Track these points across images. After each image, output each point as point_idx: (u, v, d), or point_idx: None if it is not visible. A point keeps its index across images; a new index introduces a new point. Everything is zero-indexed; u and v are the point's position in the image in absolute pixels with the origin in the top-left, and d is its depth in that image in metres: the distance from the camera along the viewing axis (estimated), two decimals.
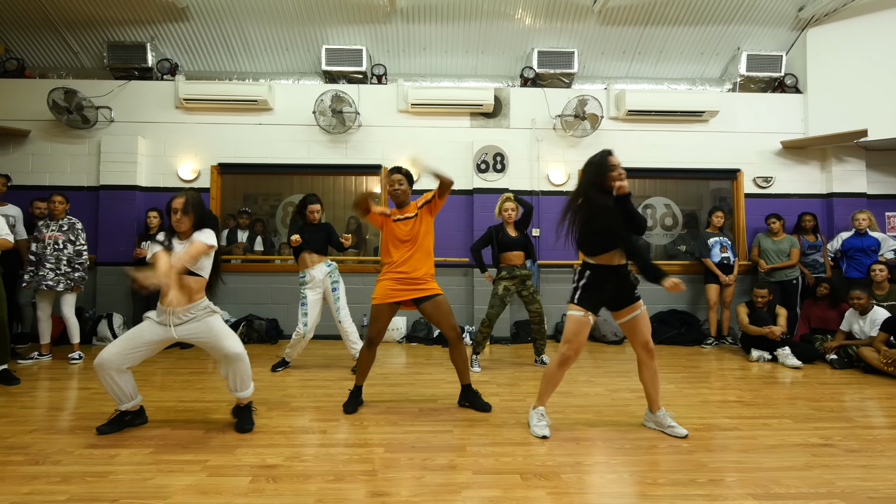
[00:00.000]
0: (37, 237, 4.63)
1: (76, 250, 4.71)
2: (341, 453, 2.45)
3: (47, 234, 4.63)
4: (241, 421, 2.80)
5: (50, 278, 4.55)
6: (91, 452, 2.44)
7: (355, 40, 6.19)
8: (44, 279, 4.53)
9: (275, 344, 5.58)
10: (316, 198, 4.40)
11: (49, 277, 4.54)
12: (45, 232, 4.63)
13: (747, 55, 6.28)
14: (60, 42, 6.12)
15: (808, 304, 5.46)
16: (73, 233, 4.73)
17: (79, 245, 4.74)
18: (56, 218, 4.71)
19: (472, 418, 3.01)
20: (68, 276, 4.63)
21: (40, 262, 4.57)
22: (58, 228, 4.68)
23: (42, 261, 4.56)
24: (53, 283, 4.56)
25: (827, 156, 6.24)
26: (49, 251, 4.59)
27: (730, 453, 2.49)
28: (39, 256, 4.58)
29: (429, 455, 2.44)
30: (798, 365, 4.51)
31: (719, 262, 5.65)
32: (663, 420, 2.76)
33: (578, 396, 3.55)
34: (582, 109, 5.87)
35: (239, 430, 2.75)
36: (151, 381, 3.88)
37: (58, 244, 4.63)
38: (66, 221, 4.73)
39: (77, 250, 4.71)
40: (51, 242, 4.62)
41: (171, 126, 6.02)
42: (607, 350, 5.40)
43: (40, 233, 4.63)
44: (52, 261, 4.58)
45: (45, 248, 4.59)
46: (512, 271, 4.46)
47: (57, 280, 4.57)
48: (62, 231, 4.68)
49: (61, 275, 4.59)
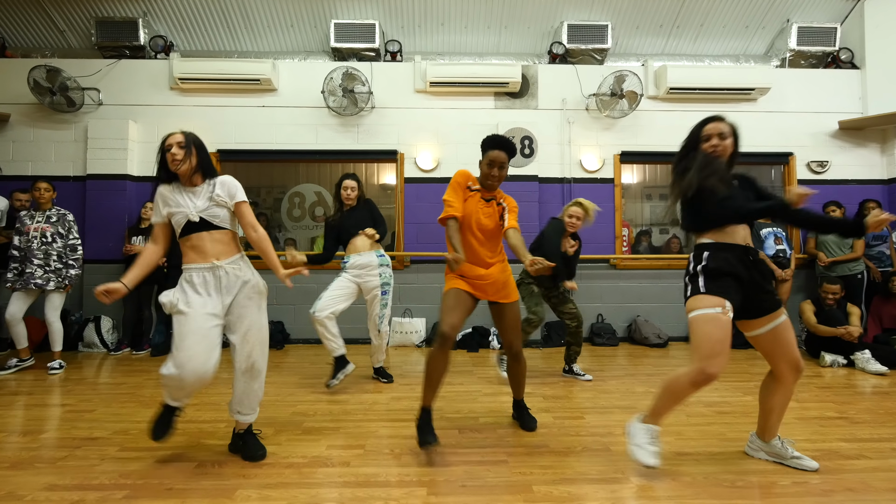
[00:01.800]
0: (19, 230, 4.07)
1: (70, 244, 4.18)
2: (373, 497, 1.88)
3: (32, 226, 4.07)
4: (249, 448, 2.25)
5: (38, 276, 4.00)
6: (47, 497, 1.87)
7: (367, 14, 5.62)
8: (31, 277, 3.98)
9: (281, 349, 5.01)
10: (350, 175, 3.69)
11: (37, 275, 4.00)
12: (29, 224, 4.08)
13: (798, 27, 5.69)
14: (45, 18, 5.56)
15: (877, 302, 4.86)
16: (64, 225, 4.18)
17: (72, 239, 4.20)
18: (41, 208, 4.16)
19: (527, 443, 2.44)
20: (59, 273, 4.09)
21: (25, 259, 4.02)
22: (45, 220, 4.12)
23: (29, 256, 4.01)
24: (43, 281, 4.02)
25: (888, 137, 5.64)
26: (36, 245, 4.04)
27: (877, 494, 1.91)
28: (24, 252, 4.03)
29: (486, 500, 1.86)
30: (883, 371, 3.92)
31: (774, 256, 5.05)
32: (783, 451, 2.17)
33: None
34: (619, 87, 5.28)
35: (249, 459, 2.21)
36: (138, 395, 3.31)
37: (45, 237, 4.08)
38: (54, 212, 4.17)
39: (71, 244, 4.19)
40: (37, 235, 4.06)
41: (165, 109, 5.45)
42: (650, 354, 4.83)
43: (24, 225, 4.07)
44: (39, 256, 4.03)
45: (31, 242, 4.04)
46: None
47: (46, 278, 4.03)
48: (50, 223, 4.12)
49: (51, 272, 4.05)
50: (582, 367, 3.97)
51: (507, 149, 2.48)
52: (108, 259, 5.13)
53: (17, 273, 4.04)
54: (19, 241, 4.07)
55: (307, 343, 5.28)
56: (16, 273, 4.04)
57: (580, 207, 3.69)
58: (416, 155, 5.48)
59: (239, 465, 2.17)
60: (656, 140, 5.61)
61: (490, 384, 3.65)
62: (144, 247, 2.23)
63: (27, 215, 4.14)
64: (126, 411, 2.96)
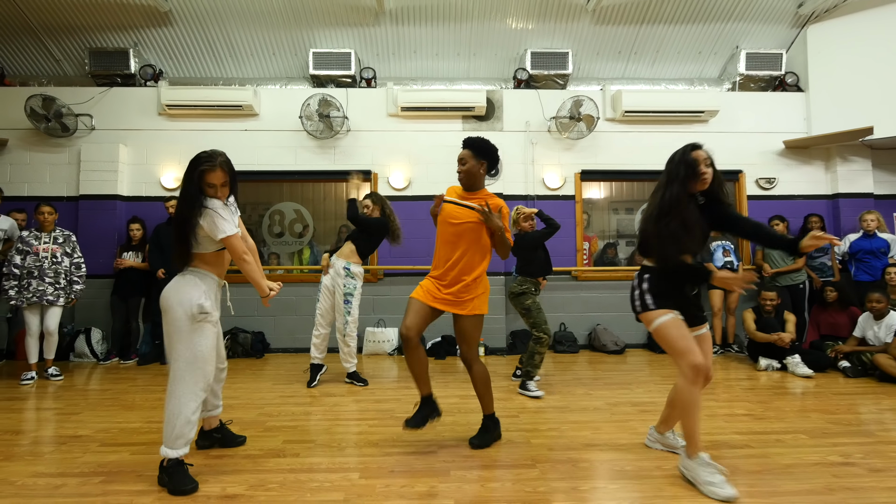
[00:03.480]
0: (25, 250, 4.42)
1: (75, 262, 4.60)
2: (311, 480, 2.22)
3: (41, 246, 4.45)
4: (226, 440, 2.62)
5: (49, 293, 4.38)
6: (35, 482, 2.21)
7: (343, 43, 6.03)
8: (43, 294, 4.35)
9: (260, 358, 5.34)
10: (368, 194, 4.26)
11: (48, 292, 4.38)
12: (36, 244, 4.44)
13: (746, 53, 6.11)
14: (41, 49, 5.96)
15: (816, 310, 5.22)
16: (69, 244, 4.60)
17: (76, 258, 4.63)
18: (45, 229, 4.53)
19: (461, 438, 2.78)
20: (65, 290, 4.49)
21: (33, 276, 4.36)
22: (52, 241, 4.51)
23: (41, 275, 4.37)
24: (53, 297, 4.41)
25: (831, 155, 6.04)
26: (47, 265, 4.42)
27: (742, 475, 2.25)
28: (31, 270, 4.37)
29: (408, 482, 2.20)
30: (809, 374, 4.27)
31: (722, 267, 5.42)
32: (674, 442, 2.52)
33: (576, 411, 3.31)
34: (577, 111, 5.68)
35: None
36: (122, 400, 3.65)
37: (55, 257, 4.48)
38: (59, 233, 4.58)
39: (76, 262, 4.61)
40: (47, 256, 4.44)
41: (153, 133, 5.84)
42: (607, 360, 5.16)
43: (30, 245, 4.43)
44: (50, 275, 4.42)
45: (41, 261, 4.40)
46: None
47: (57, 294, 4.42)
48: (57, 243, 4.52)
49: (60, 288, 4.45)
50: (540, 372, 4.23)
51: (467, 145, 2.71)
52: (99, 274, 5.46)
53: (17, 290, 4.37)
54: (21, 260, 4.41)
55: (285, 352, 5.62)
56: (17, 289, 4.37)
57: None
58: (389, 175, 5.85)
59: (202, 457, 2.50)
60: (614, 159, 6.00)
61: (446, 387, 3.97)
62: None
63: (31, 235, 4.49)
64: (109, 414, 3.29)
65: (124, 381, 4.32)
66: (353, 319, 4.04)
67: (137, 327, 5.34)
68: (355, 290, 4.04)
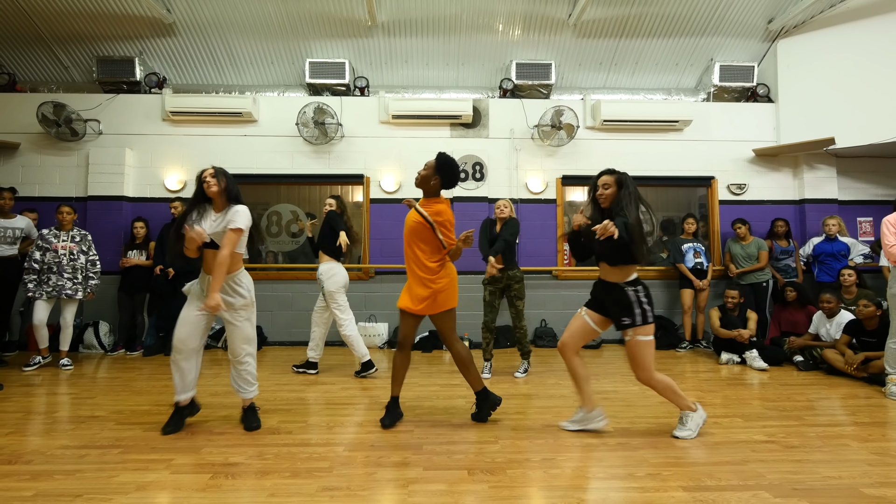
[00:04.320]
0: (45, 247, 4.75)
1: (90, 260, 4.95)
2: (302, 452, 2.57)
3: (60, 244, 4.79)
4: (245, 419, 2.99)
5: (69, 287, 4.74)
6: (63, 453, 2.56)
7: (338, 54, 6.36)
8: (62, 288, 4.71)
9: (258, 351, 5.66)
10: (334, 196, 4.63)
11: (67, 287, 4.74)
12: (55, 242, 4.78)
13: (720, 66, 6.46)
14: (51, 57, 6.29)
15: (778, 308, 5.58)
16: (85, 243, 4.95)
17: (92, 255, 4.98)
18: (64, 228, 4.88)
19: (436, 419, 3.13)
20: (82, 284, 4.84)
21: (52, 272, 4.70)
22: (70, 239, 4.85)
23: (59, 271, 4.72)
24: (72, 291, 4.77)
25: (799, 163, 6.40)
26: (65, 261, 4.77)
27: (673, 450, 2.61)
28: (50, 265, 4.71)
29: (385, 453, 2.55)
30: (764, 367, 4.63)
31: (693, 268, 5.79)
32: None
33: (544, 398, 3.67)
34: (558, 119, 6.03)
35: (246, 429, 2.93)
36: (131, 386, 3.99)
37: (73, 254, 4.83)
38: (76, 232, 4.92)
39: (91, 259, 4.96)
40: (65, 253, 4.79)
41: (157, 138, 6.17)
42: (584, 354, 5.45)
43: (49, 243, 4.76)
44: (69, 270, 4.77)
45: (60, 258, 4.75)
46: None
47: (75, 289, 4.78)
48: (75, 242, 4.87)
49: (78, 283, 4.80)
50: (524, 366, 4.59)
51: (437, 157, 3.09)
52: (106, 270, 5.77)
53: (36, 283, 4.71)
54: (46, 256, 4.74)
55: (282, 345, 5.97)
56: (35, 283, 4.71)
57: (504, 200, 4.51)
58: (381, 178, 6.20)
59: (207, 432, 2.85)
60: (594, 165, 6.30)
61: (430, 377, 4.32)
62: None
63: (51, 234, 4.83)
64: (121, 398, 3.64)
65: (131, 370, 4.66)
66: (341, 317, 4.34)
67: (143, 321, 5.68)
68: (327, 289, 4.33)
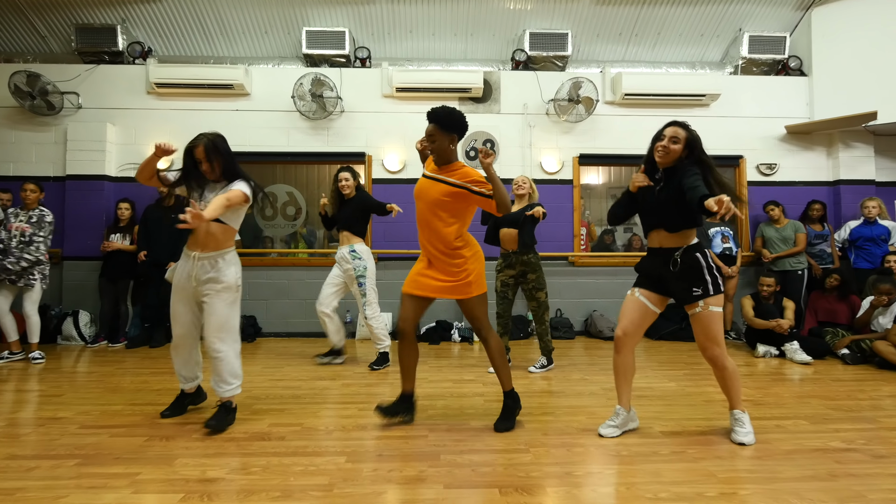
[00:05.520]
0: (5, 226, 4.31)
1: (36, 243, 4.31)
2: (296, 464, 2.14)
3: (14, 223, 4.31)
4: (212, 418, 2.57)
5: (14, 272, 4.23)
6: (7, 465, 2.12)
7: (338, 22, 5.87)
8: (9, 273, 4.21)
9: (252, 342, 5.25)
10: (345, 168, 4.11)
11: (13, 271, 4.23)
12: (12, 221, 4.32)
13: (749, 36, 5.97)
14: (26, 25, 5.78)
15: (815, 296, 5.15)
16: (41, 225, 4.39)
17: (39, 237, 4.34)
18: (28, 207, 4.39)
19: (452, 422, 2.70)
20: (30, 270, 4.31)
21: (4, 254, 4.24)
22: (27, 219, 4.36)
23: (7, 252, 4.24)
24: (16, 277, 4.26)
25: (833, 141, 5.93)
26: (14, 243, 4.27)
27: (742, 461, 2.18)
28: (6, 246, 4.25)
29: (396, 465, 2.12)
30: (808, 360, 4.20)
31: (721, 253, 5.34)
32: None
33: (571, 396, 3.24)
34: (576, 93, 5.55)
35: (205, 426, 2.54)
36: (106, 382, 3.55)
37: (24, 236, 4.31)
38: (36, 212, 4.40)
39: (36, 244, 4.30)
40: (17, 234, 4.30)
41: (142, 112, 5.68)
42: (604, 346, 5.09)
43: (8, 222, 4.32)
44: (16, 253, 4.26)
45: (11, 239, 4.27)
46: (507, 258, 3.91)
47: (19, 274, 4.26)
48: (30, 223, 4.35)
49: (26, 269, 4.28)
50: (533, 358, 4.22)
51: (432, 119, 2.49)
52: (86, 256, 5.36)
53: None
54: (2, 237, 4.30)
55: (277, 336, 5.53)
56: None
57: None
58: (384, 157, 5.73)
59: (185, 439, 2.42)
60: (613, 143, 5.88)
61: (440, 371, 3.90)
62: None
63: (12, 213, 4.37)
64: (92, 396, 3.20)
65: (111, 363, 4.23)
66: (370, 300, 3.99)
67: (126, 310, 5.23)
68: (366, 270, 3.99)
